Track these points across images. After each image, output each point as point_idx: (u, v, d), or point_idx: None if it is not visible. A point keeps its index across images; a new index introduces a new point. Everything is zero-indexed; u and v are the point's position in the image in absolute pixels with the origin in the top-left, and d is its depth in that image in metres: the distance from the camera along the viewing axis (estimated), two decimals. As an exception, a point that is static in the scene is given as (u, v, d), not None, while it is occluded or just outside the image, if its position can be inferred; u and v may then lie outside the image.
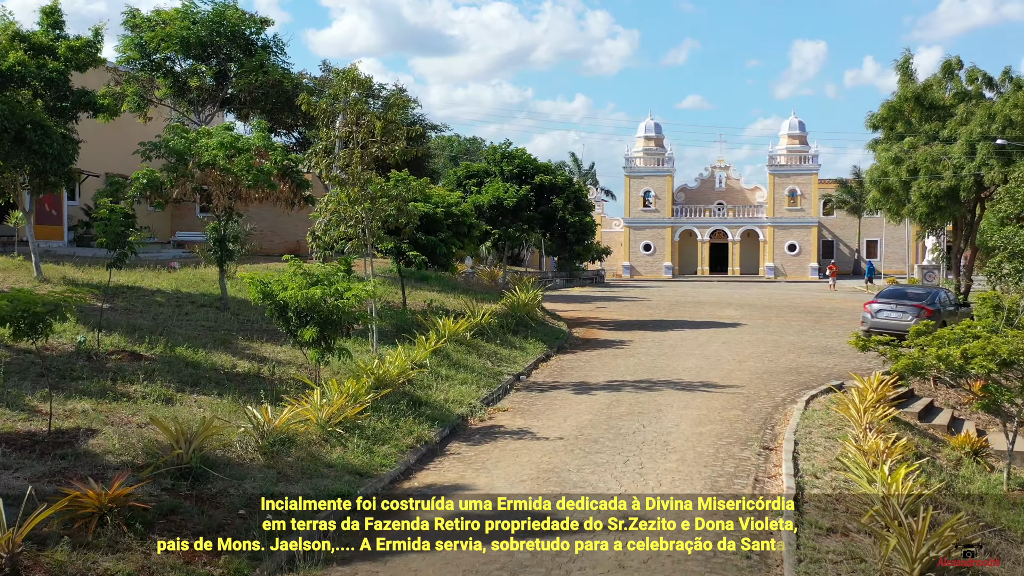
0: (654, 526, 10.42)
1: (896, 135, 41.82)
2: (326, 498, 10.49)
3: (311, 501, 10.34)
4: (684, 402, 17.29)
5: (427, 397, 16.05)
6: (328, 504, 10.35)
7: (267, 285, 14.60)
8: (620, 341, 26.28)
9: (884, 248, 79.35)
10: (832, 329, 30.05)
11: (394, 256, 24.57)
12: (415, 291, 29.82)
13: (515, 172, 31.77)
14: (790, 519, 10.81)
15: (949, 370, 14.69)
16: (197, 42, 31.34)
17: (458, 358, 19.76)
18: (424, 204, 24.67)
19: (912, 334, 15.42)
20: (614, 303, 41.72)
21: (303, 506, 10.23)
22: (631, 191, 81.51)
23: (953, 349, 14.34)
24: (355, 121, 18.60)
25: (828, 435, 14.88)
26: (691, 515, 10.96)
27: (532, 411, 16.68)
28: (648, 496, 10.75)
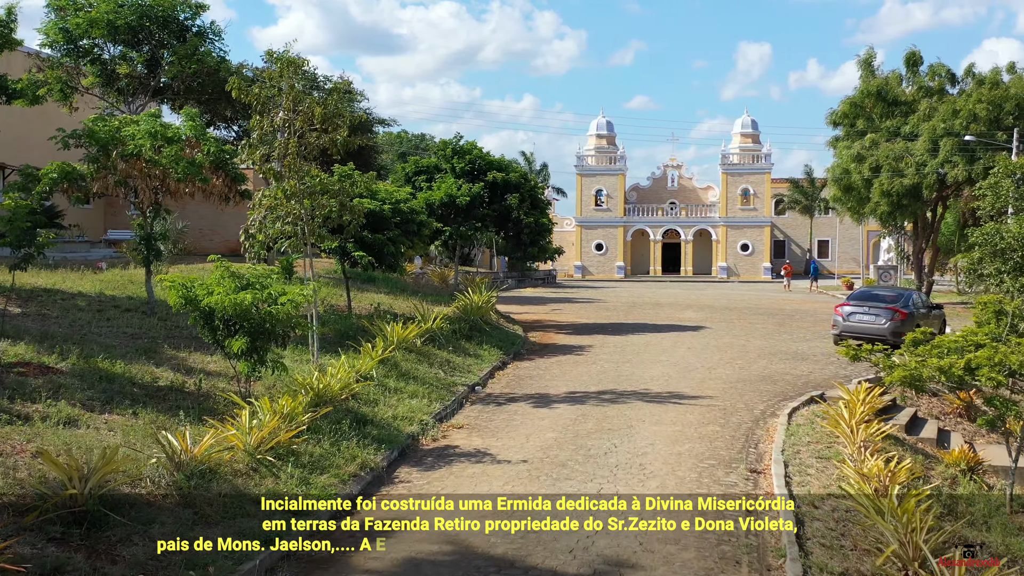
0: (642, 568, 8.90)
1: (857, 132, 40.94)
2: (251, 539, 8.85)
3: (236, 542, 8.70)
4: (656, 416, 15.79)
5: (373, 414, 14.36)
6: (249, 545, 8.72)
7: (190, 289, 12.82)
8: (580, 346, 24.77)
9: (837, 248, 78.97)
10: (799, 332, 28.86)
11: (338, 256, 22.82)
12: (361, 293, 28.05)
13: (467, 169, 30.08)
14: (796, 561, 9.33)
15: (950, 382, 13.34)
16: (126, 27, 29.17)
17: (408, 368, 18.08)
18: (370, 200, 22.95)
19: (909, 343, 14.04)
20: (569, 305, 40.25)
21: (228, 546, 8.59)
22: (583, 190, 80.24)
23: (955, 359, 12.99)
24: (292, 108, 16.82)
25: (819, 454, 13.48)
26: (681, 555, 9.46)
27: (490, 428, 15.07)
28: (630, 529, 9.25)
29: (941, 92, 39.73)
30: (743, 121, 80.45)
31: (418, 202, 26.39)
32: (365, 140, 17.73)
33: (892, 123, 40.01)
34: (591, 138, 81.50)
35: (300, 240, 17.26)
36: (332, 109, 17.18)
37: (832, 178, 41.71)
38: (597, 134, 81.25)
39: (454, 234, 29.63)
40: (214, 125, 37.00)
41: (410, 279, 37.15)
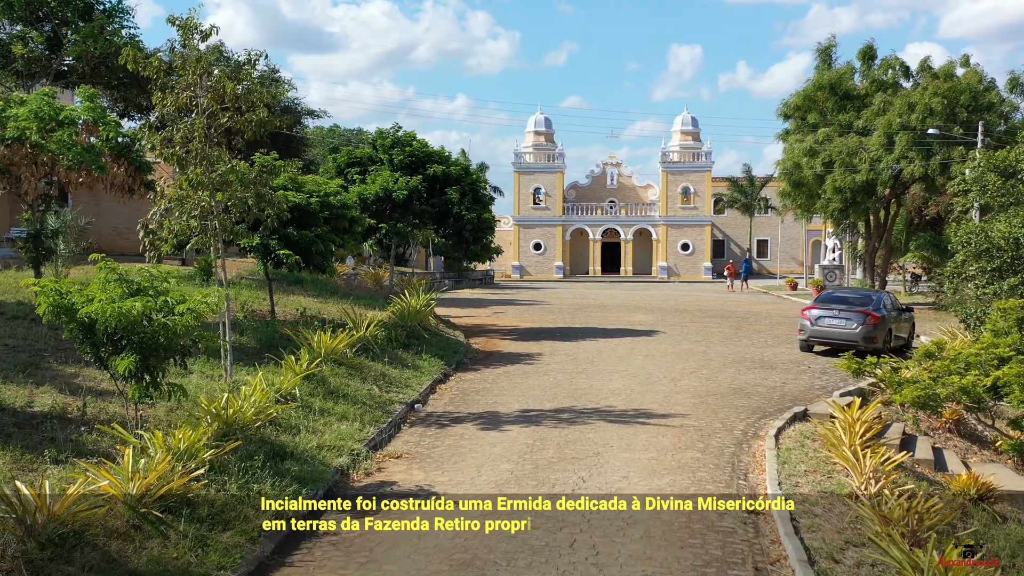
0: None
1: (809, 126, 39.50)
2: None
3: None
4: (625, 440, 13.70)
5: (294, 445, 12.01)
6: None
7: (64, 295, 10.35)
8: (528, 355, 22.62)
9: (779, 248, 78.03)
10: (759, 337, 27.10)
11: (260, 255, 20.34)
12: (288, 297, 25.57)
13: (406, 161, 27.64)
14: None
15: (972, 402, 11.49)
16: (23, 3, 26.27)
17: (337, 384, 15.73)
18: (296, 193, 20.53)
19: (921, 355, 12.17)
20: (511, 307, 38.11)
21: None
22: (521, 188, 78.24)
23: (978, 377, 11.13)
24: (199, 83, 14.38)
25: (821, 487, 11.50)
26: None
27: (433, 457, 12.83)
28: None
29: (895, 86, 38.47)
30: (683, 118, 79.12)
31: (350, 196, 23.96)
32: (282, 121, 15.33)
33: (845, 117, 38.65)
34: (529, 135, 79.49)
35: (210, 237, 14.84)
36: (247, 85, 14.79)
37: (782, 172, 40.19)
38: (535, 131, 79.26)
39: (390, 231, 27.22)
40: (128, 116, 34.07)
41: (341, 280, 34.66)
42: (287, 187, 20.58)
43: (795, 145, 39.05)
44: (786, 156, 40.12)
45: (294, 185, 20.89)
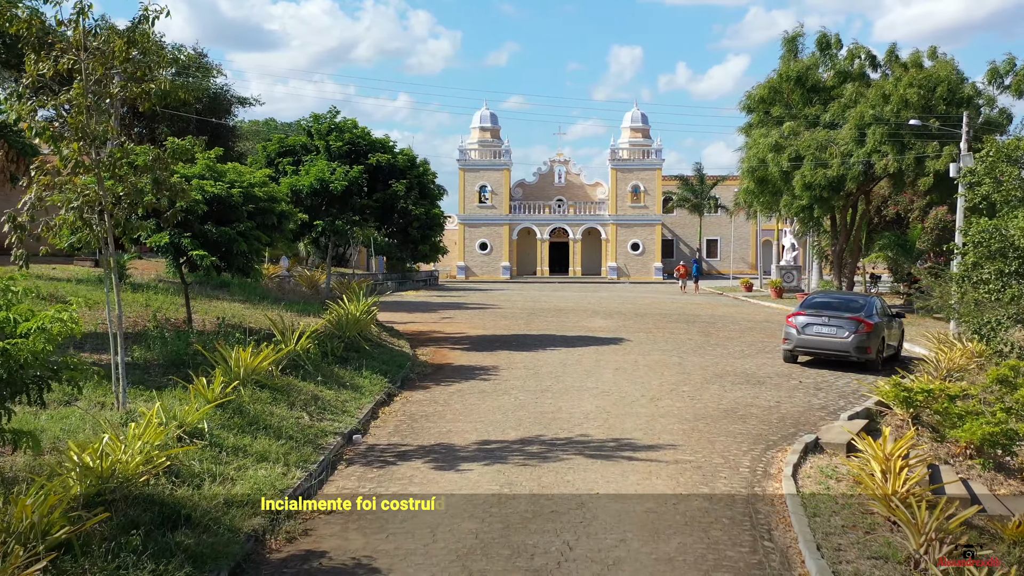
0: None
1: (773, 119, 37.38)
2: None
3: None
4: (613, 484, 11.14)
5: (194, 503, 9.21)
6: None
7: None
8: (483, 368, 20.00)
9: (732, 248, 76.40)
10: (733, 345, 24.80)
11: (170, 256, 17.47)
12: (211, 303, 22.66)
13: (344, 149, 24.74)
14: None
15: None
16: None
17: (258, 412, 12.91)
18: (214, 183, 17.68)
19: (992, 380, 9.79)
20: (461, 312, 35.43)
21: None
22: (466, 185, 75.58)
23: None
24: (82, 44, 11.54)
25: (872, 553, 9.05)
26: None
27: (376, 510, 10.12)
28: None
29: (862, 76, 36.48)
30: (633, 115, 77.10)
31: (281, 188, 21.08)
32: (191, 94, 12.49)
33: (812, 110, 36.59)
34: (475, 130, 76.84)
35: (97, 234, 12.00)
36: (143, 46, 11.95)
37: (746, 169, 37.93)
38: (481, 126, 76.63)
39: (327, 229, 24.34)
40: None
41: (274, 284, 31.70)
42: (204, 176, 17.72)
43: (760, 140, 36.88)
44: (750, 152, 37.93)
45: (213, 174, 18.02)
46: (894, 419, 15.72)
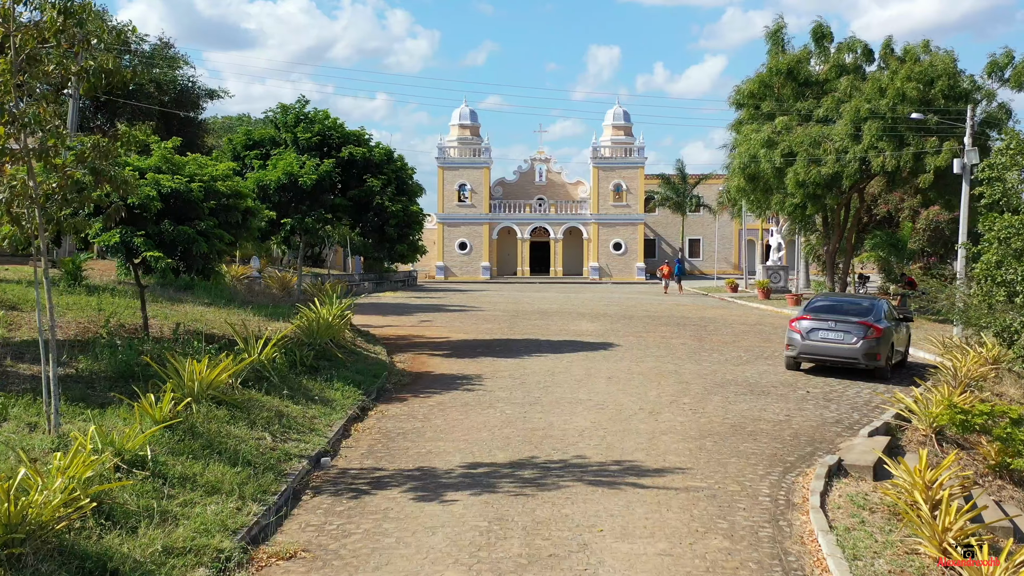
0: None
1: (763, 115, 36.09)
2: None
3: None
4: (618, 520, 9.69)
5: (124, 553, 7.70)
6: None
7: None
8: (465, 377, 18.55)
9: (715, 248, 75.25)
10: (730, 350, 23.47)
11: (122, 257, 15.91)
12: (172, 306, 21.07)
13: (315, 141, 23.16)
14: None
15: None
16: None
17: (213, 433, 11.39)
18: (172, 177, 16.12)
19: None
20: (440, 314, 33.93)
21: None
22: (445, 184, 74.05)
23: None
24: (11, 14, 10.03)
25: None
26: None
27: (343, 557, 8.63)
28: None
29: (857, 70, 35.26)
30: (615, 112, 75.83)
31: (246, 183, 19.53)
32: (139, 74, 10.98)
33: (804, 105, 35.33)
34: (454, 128, 75.35)
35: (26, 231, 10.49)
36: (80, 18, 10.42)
37: (737, 166, 36.57)
38: (460, 123, 75.16)
39: (297, 227, 22.78)
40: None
41: (242, 286, 30.09)
42: (161, 168, 16.17)
43: (751, 136, 35.57)
44: (741, 148, 36.60)
45: (170, 167, 16.47)
46: (915, 435, 14.44)
